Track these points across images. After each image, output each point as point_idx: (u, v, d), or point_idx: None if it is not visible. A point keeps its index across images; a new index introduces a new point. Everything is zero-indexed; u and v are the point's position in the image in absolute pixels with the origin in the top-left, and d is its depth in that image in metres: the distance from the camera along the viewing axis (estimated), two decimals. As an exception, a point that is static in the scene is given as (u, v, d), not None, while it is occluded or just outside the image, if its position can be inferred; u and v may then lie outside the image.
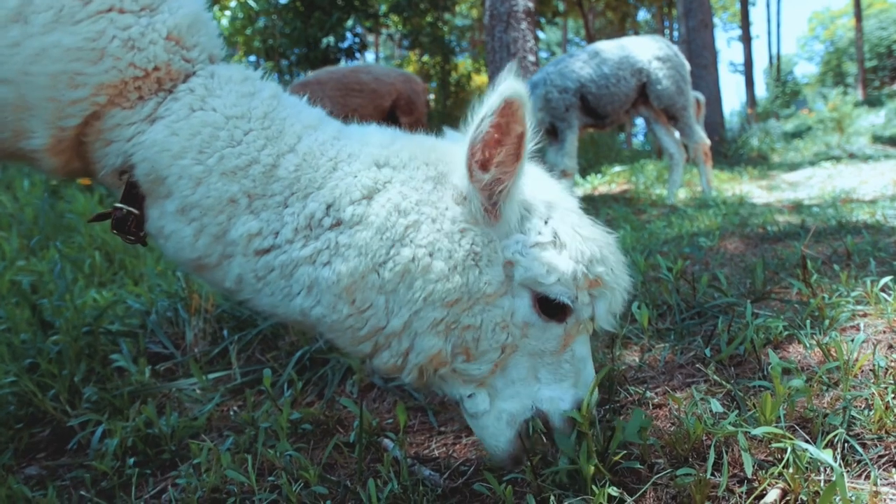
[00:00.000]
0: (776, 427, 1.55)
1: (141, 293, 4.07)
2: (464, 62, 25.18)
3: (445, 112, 21.43)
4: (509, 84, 1.53)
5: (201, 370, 3.06)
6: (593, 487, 1.50)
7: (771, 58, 54.25)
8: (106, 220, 1.83)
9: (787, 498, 1.47)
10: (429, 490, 1.85)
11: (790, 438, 1.49)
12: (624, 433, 1.66)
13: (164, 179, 1.68)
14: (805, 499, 1.43)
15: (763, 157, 15.65)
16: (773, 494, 1.47)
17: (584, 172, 12.42)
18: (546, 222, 1.69)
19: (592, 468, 1.56)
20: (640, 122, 31.44)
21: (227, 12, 18.68)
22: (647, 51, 8.07)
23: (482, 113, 1.56)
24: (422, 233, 1.64)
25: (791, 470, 1.49)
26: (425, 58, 22.70)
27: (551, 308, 1.66)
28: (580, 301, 1.66)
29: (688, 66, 8.27)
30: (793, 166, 12.96)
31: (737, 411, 1.79)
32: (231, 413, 2.71)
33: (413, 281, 1.62)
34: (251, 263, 1.70)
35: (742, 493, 1.52)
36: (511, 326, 1.67)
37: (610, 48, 8.20)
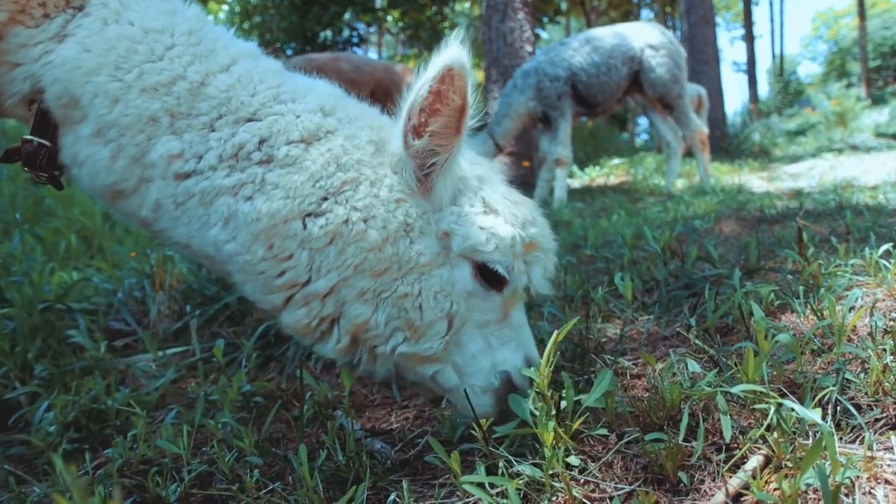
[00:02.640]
0: (760, 386, 1.37)
1: (108, 271, 3.91)
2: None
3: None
4: (453, 51, 1.48)
5: (163, 346, 2.90)
6: (547, 453, 1.32)
7: (774, 57, 53.99)
8: (15, 159, 1.66)
9: (771, 465, 1.29)
10: (378, 462, 1.68)
11: (774, 397, 1.31)
12: (587, 397, 1.48)
13: (78, 101, 1.55)
14: (791, 465, 1.25)
15: (765, 152, 15.44)
16: (755, 461, 1.30)
17: (582, 165, 12.24)
18: (476, 193, 1.69)
19: (551, 434, 1.38)
20: (643, 121, 31.23)
21: (225, 6, 18.55)
22: (640, 38, 7.86)
23: (422, 79, 1.52)
24: (359, 194, 1.58)
25: (776, 434, 1.31)
26: (425, 54, 22.51)
27: (490, 276, 1.66)
28: (517, 269, 1.68)
29: (683, 54, 8.05)
30: (794, 158, 12.74)
31: (716, 370, 1.60)
32: (189, 388, 2.54)
33: (345, 246, 1.56)
34: (170, 188, 1.58)
35: (720, 460, 1.35)
36: (454, 296, 1.64)
37: (602, 35, 7.99)
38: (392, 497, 1.45)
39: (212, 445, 1.72)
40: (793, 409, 1.25)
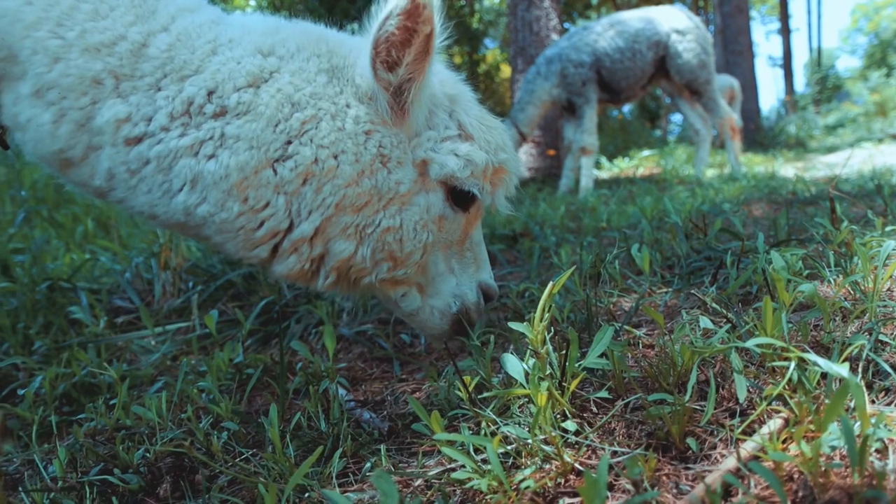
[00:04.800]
0: (778, 340, 1.21)
1: (116, 251, 3.86)
2: (493, 52, 24.73)
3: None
4: None
5: (166, 323, 2.83)
6: (539, 417, 1.18)
7: (811, 51, 52.72)
8: None
9: (791, 430, 1.14)
10: (364, 432, 1.56)
11: (794, 351, 1.15)
12: (587, 355, 1.34)
13: (16, 55, 1.49)
14: (815, 429, 1.10)
15: (800, 143, 15.00)
16: (773, 424, 1.14)
17: (611, 157, 12.00)
18: (450, 115, 1.70)
19: (545, 395, 1.24)
20: (676, 118, 30.62)
21: (252, 1, 18.63)
22: (666, 22, 7.61)
23: (387, 10, 1.48)
24: (322, 131, 1.55)
25: (798, 395, 1.16)
26: (453, 49, 22.34)
27: (461, 199, 1.72)
28: (485, 190, 1.74)
29: (710, 39, 7.79)
30: (831, 149, 12.34)
31: (729, 325, 1.44)
32: (182, 362, 2.45)
33: (321, 185, 1.55)
34: (122, 155, 1.52)
35: (733, 425, 1.20)
36: (430, 224, 1.69)
37: (627, 19, 7.75)
38: (368, 464, 1.33)
39: (189, 412, 1.61)
40: (815, 364, 1.09)
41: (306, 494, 1.24)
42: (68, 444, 1.62)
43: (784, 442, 1.09)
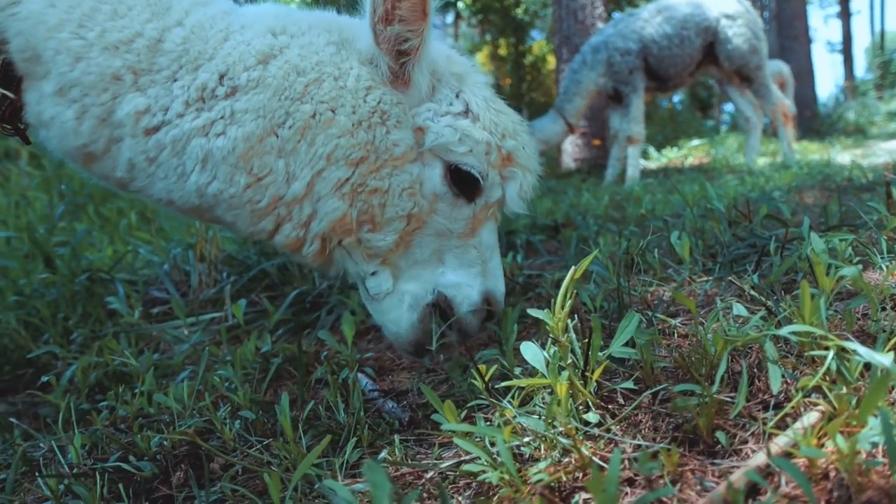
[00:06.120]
0: (816, 328, 1.12)
1: (154, 243, 3.91)
2: (539, 43, 24.43)
3: (520, 95, 20.84)
4: None
5: (201, 313, 2.85)
6: (546, 399, 1.12)
7: (873, 34, 50.67)
8: None
9: (828, 425, 1.05)
10: (383, 421, 1.52)
11: (833, 339, 1.06)
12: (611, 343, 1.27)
13: (40, 56, 1.55)
14: (855, 423, 1.01)
15: (860, 130, 14.42)
16: (809, 418, 1.05)
17: (660, 147, 11.73)
18: (457, 95, 1.67)
19: (565, 385, 1.18)
20: (729, 107, 29.74)
21: (297, -1, 18.80)
22: (715, 7, 7.35)
23: None
24: (323, 89, 1.56)
25: (839, 388, 1.07)
26: (499, 41, 22.12)
27: (462, 182, 1.65)
28: (490, 179, 1.67)
29: (761, 23, 7.50)
30: (894, 135, 11.82)
31: (764, 312, 1.35)
32: (209, 350, 2.46)
33: (314, 137, 1.54)
34: (141, 144, 1.57)
35: (766, 418, 1.11)
36: (419, 196, 1.63)
37: (674, 4, 7.51)
38: (382, 454, 1.28)
39: (210, 401, 1.60)
40: (856, 353, 1.00)
41: (316, 486, 1.21)
42: (90, 432, 1.63)
43: (821, 437, 1.00)
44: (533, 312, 1.29)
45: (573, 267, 1.27)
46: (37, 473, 1.43)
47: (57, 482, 1.34)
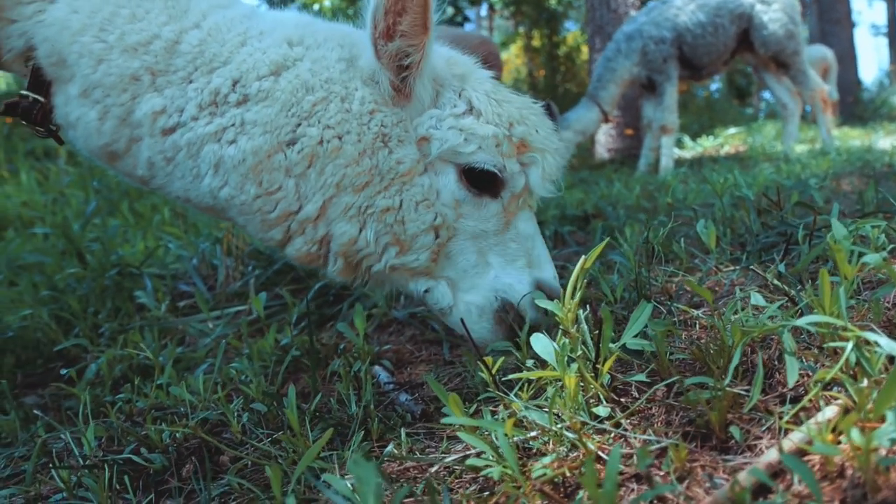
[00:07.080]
0: (835, 319, 1.07)
1: (184, 238, 3.96)
2: (574, 34, 24.15)
3: (554, 86, 20.61)
4: None
5: (227, 306, 2.88)
6: (557, 400, 1.09)
7: (920, 17, 48.96)
8: (16, 112, 1.71)
9: (846, 421, 1.00)
10: (395, 415, 1.51)
11: (853, 330, 1.01)
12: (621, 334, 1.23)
13: (65, 60, 1.61)
14: (873, 419, 0.96)
15: (905, 116, 13.97)
16: (827, 413, 1.01)
17: (695, 136, 11.50)
18: (459, 95, 1.64)
19: (575, 378, 1.15)
20: (768, 95, 29.04)
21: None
22: (749, -7, 7.16)
23: None
24: (330, 111, 1.57)
25: (861, 381, 1.02)
26: (533, 32, 21.88)
27: (480, 180, 1.62)
28: (509, 170, 1.63)
29: (798, 6, 7.28)
30: (940, 121, 11.42)
31: (784, 300, 1.30)
32: (231, 343, 2.48)
33: (324, 167, 1.56)
34: (159, 144, 1.62)
35: (783, 412, 1.07)
36: (438, 205, 1.62)
37: (707, -10, 7.34)
38: (389, 448, 1.27)
39: (223, 394, 1.60)
40: (876, 343, 0.95)
41: (322, 478, 1.20)
42: (107, 425, 1.64)
43: (838, 433, 0.96)
44: (540, 303, 1.26)
45: (583, 256, 1.24)
46: (51, 465, 1.44)
47: (69, 474, 1.36)
